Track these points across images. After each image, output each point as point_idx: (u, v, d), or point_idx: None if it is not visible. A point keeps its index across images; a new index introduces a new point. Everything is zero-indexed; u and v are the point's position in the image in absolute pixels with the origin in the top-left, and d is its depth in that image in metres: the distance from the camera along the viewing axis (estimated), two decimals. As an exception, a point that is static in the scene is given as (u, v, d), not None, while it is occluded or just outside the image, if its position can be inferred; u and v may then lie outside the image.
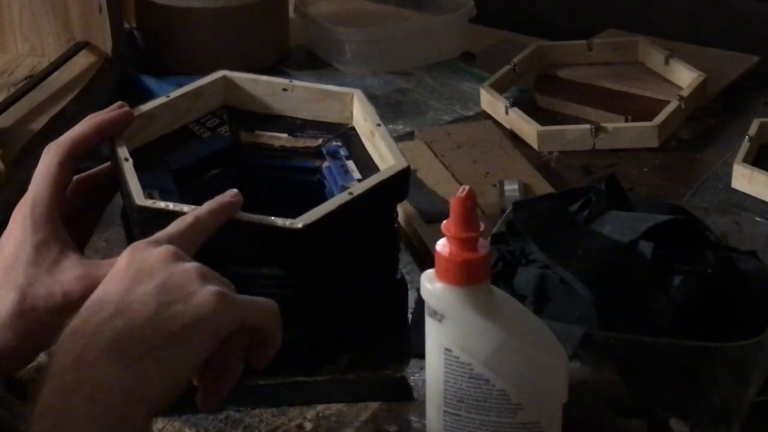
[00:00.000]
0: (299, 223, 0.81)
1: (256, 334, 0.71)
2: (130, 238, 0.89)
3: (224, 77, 0.98)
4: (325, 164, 0.94)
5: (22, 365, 0.86)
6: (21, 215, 0.84)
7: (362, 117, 0.95)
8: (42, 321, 0.80)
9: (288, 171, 0.96)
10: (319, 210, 0.82)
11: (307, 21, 1.51)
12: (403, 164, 0.88)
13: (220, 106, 0.99)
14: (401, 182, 0.88)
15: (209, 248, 0.82)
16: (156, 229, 0.82)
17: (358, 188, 0.85)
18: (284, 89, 0.98)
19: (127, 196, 0.85)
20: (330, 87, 0.99)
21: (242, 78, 0.99)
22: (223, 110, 0.98)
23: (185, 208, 0.81)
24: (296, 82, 0.99)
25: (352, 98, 0.97)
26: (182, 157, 0.93)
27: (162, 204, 0.82)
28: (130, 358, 0.65)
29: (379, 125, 0.92)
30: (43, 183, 0.84)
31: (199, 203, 0.83)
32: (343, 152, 0.94)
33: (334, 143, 0.95)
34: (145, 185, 0.84)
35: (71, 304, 0.80)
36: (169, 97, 0.95)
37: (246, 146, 0.96)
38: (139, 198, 0.83)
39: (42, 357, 0.90)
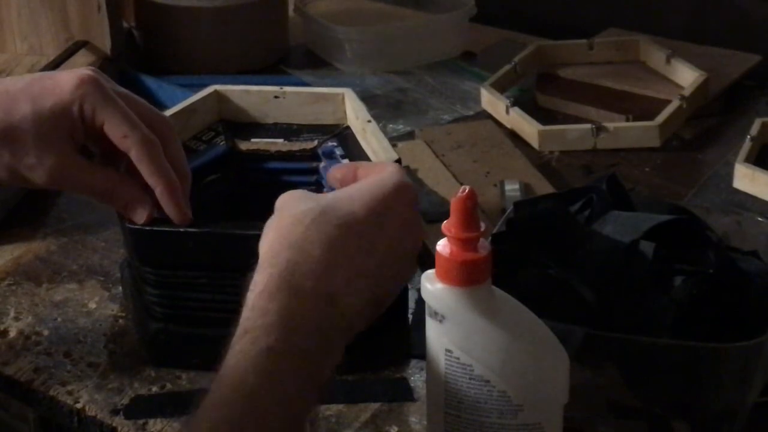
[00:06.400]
0: None
1: None
2: (129, 241, 0.89)
3: (216, 92, 0.99)
4: (322, 165, 0.94)
5: None
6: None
7: (354, 115, 0.96)
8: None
9: (285, 173, 0.96)
10: None
11: (307, 20, 1.51)
12: (393, 156, 0.88)
13: (215, 121, 0.99)
14: None
15: (200, 261, 0.82)
16: (148, 250, 0.82)
17: None
18: (276, 96, 0.99)
19: (120, 216, 0.85)
20: (320, 89, 1.01)
21: (234, 90, 1.00)
22: (219, 124, 0.99)
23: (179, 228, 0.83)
24: (287, 88, 1.00)
25: (343, 98, 0.97)
26: None
27: (150, 227, 0.83)
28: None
29: (369, 121, 0.93)
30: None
31: (197, 208, 0.83)
32: (338, 152, 0.95)
33: (330, 143, 0.96)
34: None
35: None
36: None
37: (243, 153, 0.96)
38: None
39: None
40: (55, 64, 1.30)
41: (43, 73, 0.85)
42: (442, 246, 0.70)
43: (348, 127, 0.97)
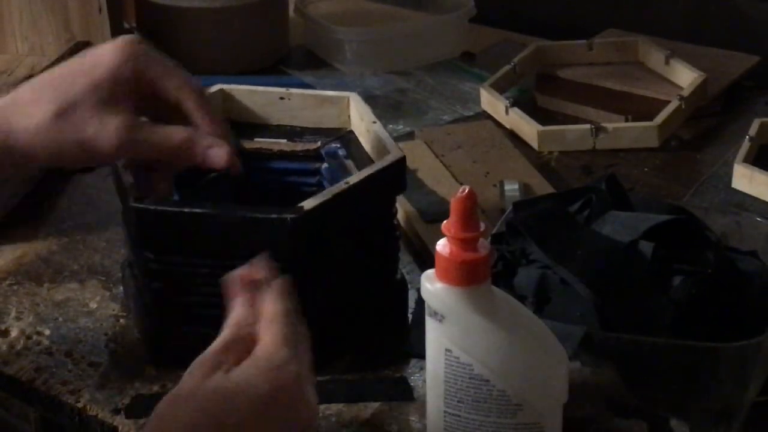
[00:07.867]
0: (292, 214, 0.81)
1: None
2: (131, 239, 0.89)
3: (221, 90, 0.99)
4: (324, 165, 0.94)
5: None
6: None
7: (359, 117, 0.96)
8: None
9: (287, 173, 0.96)
10: (314, 200, 0.82)
11: (307, 21, 1.51)
12: (399, 155, 0.88)
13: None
14: (397, 173, 0.88)
15: (204, 247, 0.82)
16: (152, 232, 0.82)
17: (354, 178, 0.85)
18: (281, 98, 0.99)
19: (124, 198, 0.85)
20: (326, 93, 1.00)
21: (239, 90, 1.00)
22: None
23: (183, 208, 0.82)
24: (293, 90, 0.99)
25: (348, 102, 0.97)
26: None
27: (156, 206, 0.83)
28: None
29: (374, 122, 0.93)
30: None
31: (199, 207, 0.83)
32: (341, 153, 0.95)
33: (333, 144, 0.96)
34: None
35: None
36: None
37: (246, 151, 0.96)
38: (134, 199, 0.83)
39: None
40: (56, 65, 1.30)
41: (87, 50, 0.87)
42: (442, 246, 0.70)
43: (351, 131, 0.97)
